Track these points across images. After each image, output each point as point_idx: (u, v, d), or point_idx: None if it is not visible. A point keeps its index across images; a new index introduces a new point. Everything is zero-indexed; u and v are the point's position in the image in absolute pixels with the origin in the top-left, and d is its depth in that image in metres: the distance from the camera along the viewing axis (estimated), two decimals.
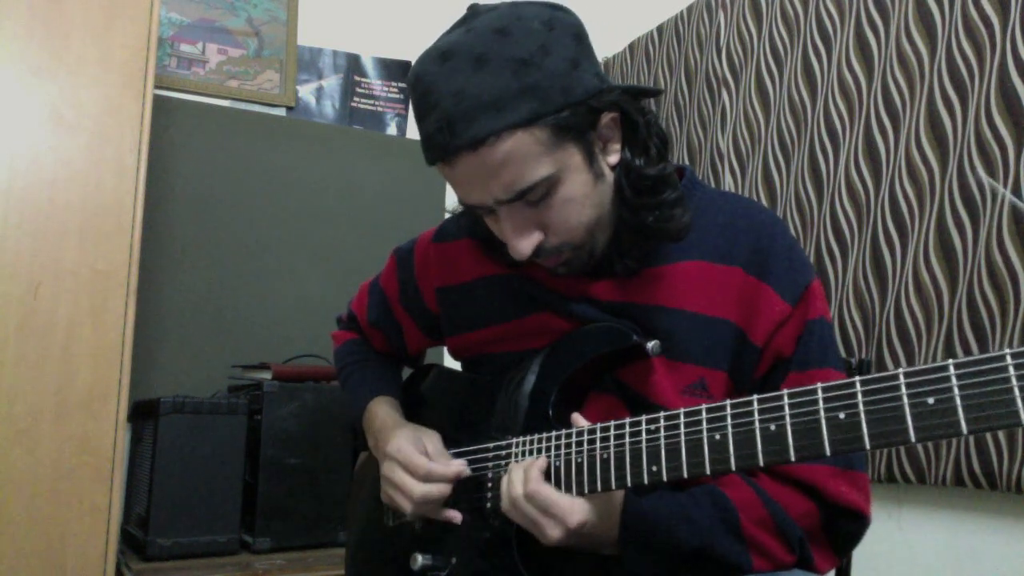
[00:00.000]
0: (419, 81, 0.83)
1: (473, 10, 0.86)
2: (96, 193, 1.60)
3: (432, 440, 0.99)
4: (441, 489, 0.94)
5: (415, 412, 1.13)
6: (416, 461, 0.95)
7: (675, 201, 0.89)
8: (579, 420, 0.85)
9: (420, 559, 0.96)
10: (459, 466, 0.95)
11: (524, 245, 0.86)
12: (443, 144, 0.81)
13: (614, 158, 0.89)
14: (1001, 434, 1.29)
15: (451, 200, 0.94)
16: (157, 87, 1.82)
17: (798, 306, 0.89)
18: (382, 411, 1.09)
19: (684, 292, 0.91)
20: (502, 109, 0.78)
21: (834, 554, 0.88)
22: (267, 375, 1.82)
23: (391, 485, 0.98)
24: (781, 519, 0.84)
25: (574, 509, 0.81)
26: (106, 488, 1.54)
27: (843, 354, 1.39)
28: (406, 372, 1.25)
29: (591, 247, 0.90)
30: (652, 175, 0.88)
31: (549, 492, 0.81)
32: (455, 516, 0.95)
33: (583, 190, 0.86)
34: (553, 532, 0.81)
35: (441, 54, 0.81)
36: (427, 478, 0.94)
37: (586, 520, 0.81)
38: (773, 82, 1.82)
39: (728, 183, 1.90)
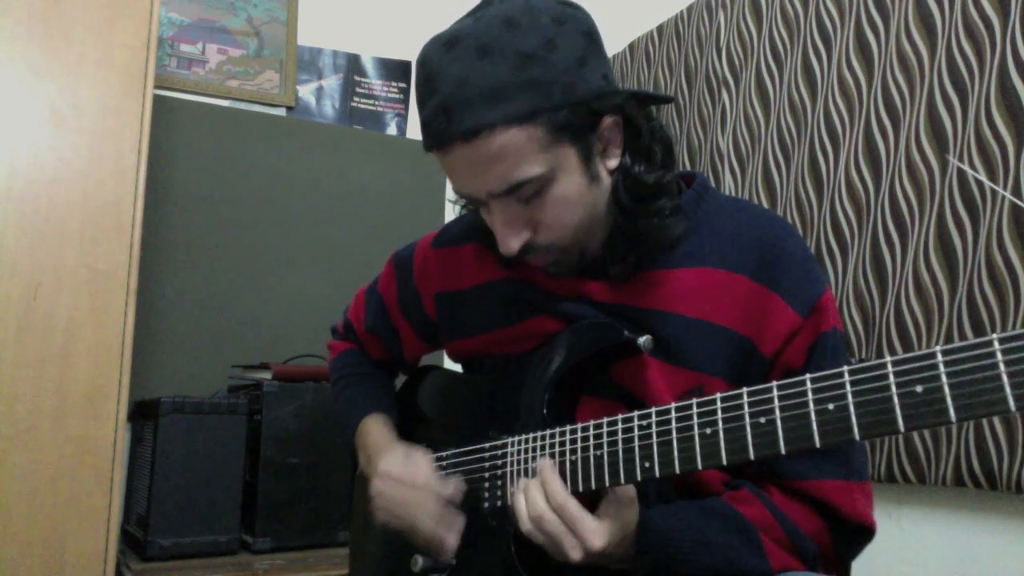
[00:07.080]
0: (422, 66, 0.82)
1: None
2: (96, 193, 1.60)
3: (423, 459, 0.99)
4: None
5: (413, 414, 1.13)
6: (407, 480, 0.96)
7: (671, 210, 0.88)
8: None
9: (421, 561, 0.96)
10: (454, 486, 0.95)
11: (512, 242, 0.86)
12: (439, 131, 0.80)
13: (613, 162, 0.88)
14: (1001, 434, 1.29)
15: (451, 195, 0.94)
16: (157, 87, 1.82)
17: (810, 317, 0.87)
18: (375, 429, 1.09)
19: (683, 297, 0.90)
20: (499, 101, 0.77)
21: (839, 569, 0.90)
22: (267, 375, 1.82)
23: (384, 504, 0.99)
24: (797, 537, 0.84)
25: (598, 531, 0.77)
26: (106, 488, 1.54)
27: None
28: (400, 380, 1.24)
29: (581, 249, 0.90)
30: (650, 183, 0.87)
31: (575, 508, 0.78)
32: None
33: (576, 191, 0.85)
34: (574, 553, 0.78)
35: (447, 40, 0.80)
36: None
37: (608, 543, 0.78)
38: (773, 82, 1.82)
39: (728, 183, 1.89)
